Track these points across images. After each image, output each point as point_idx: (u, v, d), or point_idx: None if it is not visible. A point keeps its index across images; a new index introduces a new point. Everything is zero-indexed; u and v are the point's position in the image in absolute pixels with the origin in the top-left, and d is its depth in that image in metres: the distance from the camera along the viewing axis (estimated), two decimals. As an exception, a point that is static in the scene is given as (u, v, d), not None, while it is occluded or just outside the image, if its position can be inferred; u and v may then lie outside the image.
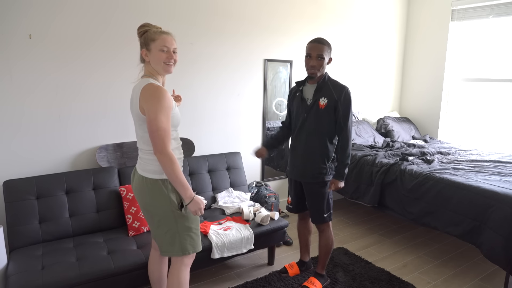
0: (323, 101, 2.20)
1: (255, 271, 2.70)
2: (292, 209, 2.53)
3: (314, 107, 2.23)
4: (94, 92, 2.63)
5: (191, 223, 1.82)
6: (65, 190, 2.43)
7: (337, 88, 2.21)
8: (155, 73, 1.77)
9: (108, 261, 2.09)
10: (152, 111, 1.62)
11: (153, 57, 1.71)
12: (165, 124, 1.63)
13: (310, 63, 2.17)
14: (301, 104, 2.28)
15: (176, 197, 1.76)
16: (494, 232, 2.32)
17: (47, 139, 2.51)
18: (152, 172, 1.74)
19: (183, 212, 1.77)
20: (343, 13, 3.96)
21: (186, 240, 1.81)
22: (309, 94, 2.27)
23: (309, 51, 2.18)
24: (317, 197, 2.34)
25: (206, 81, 3.14)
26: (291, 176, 2.43)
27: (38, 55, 2.39)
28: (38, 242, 2.28)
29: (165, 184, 1.74)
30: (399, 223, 3.67)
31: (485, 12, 3.90)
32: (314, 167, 2.27)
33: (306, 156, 2.29)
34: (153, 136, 1.63)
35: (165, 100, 1.64)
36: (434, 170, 2.92)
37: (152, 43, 1.70)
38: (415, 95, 4.63)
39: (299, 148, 2.32)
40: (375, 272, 2.71)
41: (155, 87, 1.66)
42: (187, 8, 2.94)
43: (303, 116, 2.26)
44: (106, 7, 2.58)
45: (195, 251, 1.85)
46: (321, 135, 2.24)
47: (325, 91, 2.21)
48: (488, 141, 4.06)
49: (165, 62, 1.72)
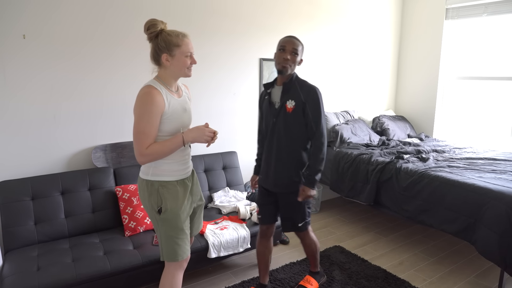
0: (291, 104, 2.02)
1: (252, 270, 2.71)
2: (262, 220, 2.25)
3: (281, 111, 2.04)
4: (89, 91, 2.62)
5: (171, 231, 1.74)
6: (60, 191, 2.42)
7: (304, 89, 2.03)
8: (168, 78, 1.72)
9: (104, 262, 2.08)
10: (136, 114, 1.63)
11: (176, 63, 1.68)
12: (147, 129, 1.62)
13: (284, 55, 1.98)
14: (269, 109, 2.10)
15: (157, 200, 1.73)
16: (488, 229, 2.34)
17: (42, 140, 2.50)
18: (142, 172, 1.78)
19: (162, 217, 1.73)
20: (338, 12, 3.97)
21: (168, 246, 1.76)
22: (277, 97, 2.08)
23: (284, 44, 2.00)
24: (291, 207, 2.15)
25: (202, 80, 3.14)
26: (264, 185, 2.20)
27: (32, 55, 2.38)
28: (34, 243, 2.27)
29: (148, 186, 1.74)
30: (395, 221, 3.68)
31: (479, 10, 3.92)
32: (287, 176, 2.09)
33: (278, 164, 2.09)
34: (134, 138, 1.65)
35: (150, 105, 1.60)
36: (429, 168, 2.94)
37: (177, 49, 1.66)
38: (411, 94, 4.65)
39: (270, 155, 2.12)
40: (371, 270, 2.72)
41: (146, 91, 1.63)
42: (183, 7, 2.94)
43: (272, 121, 2.07)
44: (100, 5, 2.57)
45: (174, 260, 1.77)
46: (292, 141, 2.06)
47: (292, 93, 2.03)
48: (483, 138, 4.09)
49: (188, 68, 1.71)
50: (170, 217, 1.73)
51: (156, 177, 1.74)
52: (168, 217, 1.72)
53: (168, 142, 1.67)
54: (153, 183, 1.73)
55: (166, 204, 1.72)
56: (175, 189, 1.75)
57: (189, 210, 1.83)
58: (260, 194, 2.25)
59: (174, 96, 1.73)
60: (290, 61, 1.99)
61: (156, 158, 1.67)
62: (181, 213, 1.75)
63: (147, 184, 1.74)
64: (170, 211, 1.72)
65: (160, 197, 1.72)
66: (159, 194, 1.72)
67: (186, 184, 1.82)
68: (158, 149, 1.64)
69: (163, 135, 1.71)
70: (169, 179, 1.75)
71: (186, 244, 1.79)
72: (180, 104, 1.75)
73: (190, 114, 1.83)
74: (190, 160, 1.88)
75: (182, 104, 1.77)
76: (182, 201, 1.77)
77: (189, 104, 1.86)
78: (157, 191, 1.72)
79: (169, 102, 1.69)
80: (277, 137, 2.08)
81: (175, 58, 1.67)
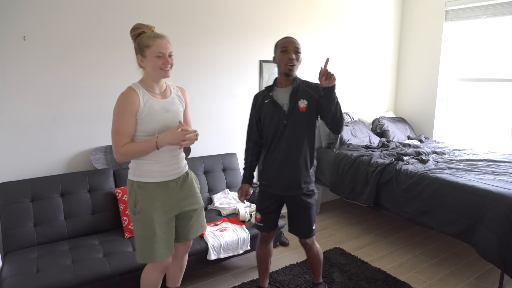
0: (303, 103, 2.00)
1: (252, 272, 2.70)
2: (264, 228, 2.18)
3: (293, 111, 2.01)
4: (89, 92, 2.62)
5: (143, 232, 1.74)
6: (60, 193, 2.42)
7: (311, 86, 2.04)
8: (148, 79, 1.75)
9: (104, 264, 2.08)
10: (113, 114, 1.69)
11: (149, 64, 1.70)
12: (121, 127, 1.66)
13: (288, 56, 1.95)
14: (276, 111, 2.03)
15: (134, 200, 1.75)
16: (488, 231, 2.34)
17: (41, 141, 2.50)
18: (128, 172, 1.83)
19: (136, 217, 1.75)
20: (338, 14, 3.98)
21: (140, 247, 1.77)
22: (284, 99, 2.04)
23: (285, 44, 1.97)
24: (305, 209, 2.11)
25: (202, 82, 3.14)
26: (271, 190, 2.12)
27: (32, 56, 2.38)
28: (33, 245, 2.27)
29: (129, 185, 1.80)
30: (395, 222, 3.68)
31: (479, 12, 3.93)
32: (299, 178, 2.06)
33: (289, 166, 2.05)
34: (111, 137, 1.71)
35: (124, 104, 1.65)
36: (429, 169, 2.93)
37: (147, 50, 1.68)
38: (410, 95, 4.66)
39: (278, 159, 2.06)
40: (371, 272, 2.72)
41: (122, 92, 1.69)
42: (182, 9, 2.94)
43: (282, 123, 2.02)
44: (100, 7, 2.58)
45: (146, 261, 1.77)
46: (303, 140, 2.04)
47: (302, 93, 2.02)
48: (483, 140, 4.09)
49: (161, 68, 1.70)
50: (144, 219, 1.73)
51: (136, 177, 1.77)
52: (142, 218, 1.73)
53: (142, 143, 1.69)
54: (133, 183, 1.77)
55: (141, 205, 1.73)
56: (153, 191, 1.75)
57: (170, 214, 1.80)
58: (264, 200, 2.17)
59: (155, 97, 1.75)
60: (295, 60, 1.97)
61: (131, 157, 1.71)
62: (155, 216, 1.74)
63: (129, 183, 1.80)
64: (143, 212, 1.73)
65: (136, 197, 1.75)
66: (136, 195, 1.75)
67: (169, 186, 1.80)
68: (131, 149, 1.68)
69: (141, 135, 1.72)
70: (148, 180, 1.76)
71: (160, 247, 1.77)
72: (162, 105, 1.75)
73: (176, 115, 1.81)
74: (179, 162, 1.86)
75: (165, 105, 1.77)
76: (160, 204, 1.76)
77: (178, 106, 1.84)
78: (135, 191, 1.75)
79: (145, 102, 1.70)
80: (288, 139, 2.03)
81: (147, 58, 1.69)
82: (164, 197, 1.78)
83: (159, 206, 1.75)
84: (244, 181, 2.24)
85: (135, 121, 1.69)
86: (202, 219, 2.01)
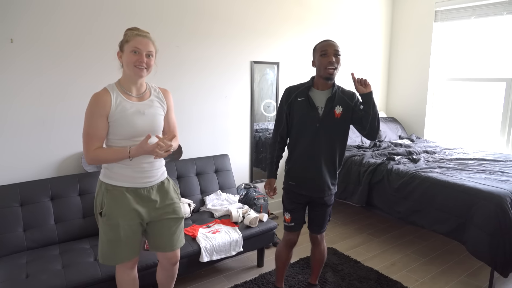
0: (339, 109, 2.01)
1: (245, 274, 2.70)
2: (295, 227, 2.18)
3: (329, 116, 2.01)
4: (79, 95, 2.59)
5: (106, 235, 1.71)
6: (50, 196, 2.39)
7: (349, 94, 2.06)
8: (125, 79, 1.70)
9: (94, 268, 2.06)
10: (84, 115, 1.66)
11: (124, 59, 1.66)
12: (90, 130, 1.63)
13: (329, 59, 1.93)
14: (309, 112, 2.02)
15: (101, 202, 1.72)
16: (478, 229, 2.36)
17: (30, 145, 2.46)
18: (100, 172, 1.79)
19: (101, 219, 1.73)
20: (328, 15, 3.99)
21: (101, 248, 1.75)
22: (320, 102, 2.03)
23: (325, 48, 1.95)
24: (327, 208, 2.18)
25: (193, 84, 3.13)
26: (300, 190, 2.12)
27: (20, 59, 2.35)
28: (23, 250, 2.23)
29: (98, 185, 1.76)
30: (387, 222, 3.70)
31: (467, 13, 3.97)
32: (327, 180, 2.09)
33: (319, 169, 2.06)
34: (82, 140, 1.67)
35: (94, 106, 1.62)
36: (420, 169, 2.96)
37: (126, 45, 1.64)
38: (401, 96, 4.69)
39: (310, 161, 2.06)
40: (363, 271, 2.73)
41: (94, 93, 1.66)
42: (174, 11, 2.93)
43: (315, 126, 2.01)
44: (92, 9, 2.55)
45: (108, 264, 1.76)
46: (335, 145, 2.06)
47: (338, 99, 2.02)
48: (473, 139, 4.14)
49: (135, 65, 1.63)
50: (109, 223, 1.69)
51: (106, 179, 1.73)
52: (107, 222, 1.70)
53: (113, 153, 1.65)
54: (101, 183, 1.74)
55: (107, 209, 1.69)
56: (121, 196, 1.70)
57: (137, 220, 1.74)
58: (292, 200, 2.16)
59: (129, 99, 1.69)
60: (335, 63, 1.95)
61: (102, 162, 1.67)
62: (120, 221, 1.69)
63: (98, 183, 1.76)
64: (109, 217, 1.69)
65: (103, 200, 1.71)
66: (103, 197, 1.71)
67: (139, 193, 1.74)
68: (102, 155, 1.64)
69: (114, 138, 1.69)
70: (117, 184, 1.71)
71: (123, 251, 1.74)
72: (136, 107, 1.69)
73: (152, 119, 1.73)
74: (154, 170, 1.77)
75: (140, 108, 1.70)
76: (127, 209, 1.70)
77: (157, 109, 1.77)
78: (102, 193, 1.72)
79: (118, 104, 1.65)
80: (320, 142, 2.03)
81: (124, 54, 1.65)
82: (131, 203, 1.71)
83: (125, 213, 1.70)
84: (271, 176, 2.21)
85: (106, 124, 1.64)
86: (179, 230, 1.89)
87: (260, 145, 3.65)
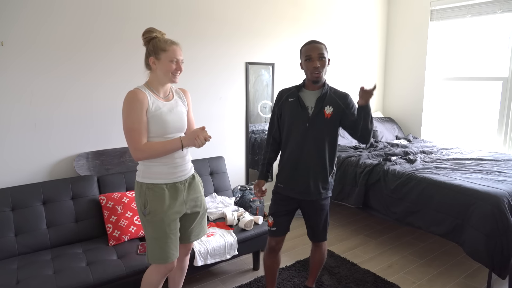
0: (329, 109, 1.99)
1: (240, 277, 2.67)
2: (276, 232, 2.12)
3: (318, 116, 1.99)
4: (72, 98, 2.57)
5: (154, 233, 1.78)
6: (42, 201, 2.36)
7: (341, 96, 2.03)
8: (155, 82, 1.79)
9: (86, 273, 2.03)
10: (123, 114, 1.71)
11: (161, 67, 1.75)
12: (135, 125, 1.68)
13: (313, 64, 1.93)
14: (299, 112, 2.01)
15: (144, 202, 1.78)
16: (475, 230, 2.34)
17: (22, 148, 2.43)
18: (137, 174, 1.84)
19: (146, 218, 1.78)
20: (323, 15, 3.97)
21: (151, 248, 1.81)
22: (310, 102, 2.02)
23: (308, 52, 1.95)
24: (322, 214, 2.12)
25: (188, 85, 3.10)
26: (287, 193, 2.08)
27: (10, 61, 2.32)
28: (14, 255, 2.20)
29: (138, 187, 1.81)
30: (384, 223, 3.68)
31: (463, 12, 3.96)
32: (319, 183, 2.04)
33: (310, 170, 2.02)
34: (126, 138, 1.71)
35: (134, 102, 1.69)
36: (416, 169, 2.94)
37: (163, 53, 1.74)
38: (398, 95, 4.67)
39: (299, 161, 2.03)
40: (360, 274, 2.71)
41: (129, 91, 1.72)
42: (168, 11, 2.90)
43: (304, 126, 2.00)
44: (85, 12, 2.52)
45: (156, 263, 1.81)
46: (324, 146, 2.02)
47: (329, 99, 2.00)
48: (470, 139, 4.12)
49: (173, 73, 1.77)
50: (154, 220, 1.77)
51: (145, 179, 1.80)
52: (152, 219, 1.77)
53: (166, 142, 1.73)
54: (141, 184, 1.80)
55: (151, 206, 1.76)
56: (161, 192, 1.78)
57: (178, 215, 1.84)
58: (279, 203, 2.12)
59: (160, 99, 1.79)
60: (320, 67, 1.95)
61: (152, 156, 1.72)
62: (164, 217, 1.77)
63: (137, 185, 1.82)
64: (153, 214, 1.76)
65: (146, 199, 1.77)
66: (146, 196, 1.78)
67: (177, 188, 1.84)
68: (155, 146, 1.71)
69: (147, 136, 1.76)
70: (157, 182, 1.79)
71: (170, 249, 1.81)
72: (167, 106, 1.80)
73: (180, 116, 1.85)
74: (185, 164, 1.89)
75: (169, 107, 1.81)
76: (169, 205, 1.79)
77: (182, 108, 1.88)
78: (144, 193, 1.78)
79: (153, 102, 1.75)
80: (309, 142, 2.00)
81: (160, 61, 1.74)
82: (172, 198, 1.81)
83: (168, 207, 1.79)
84: (261, 177, 2.20)
85: (146, 119, 1.72)
86: (204, 222, 2.05)
87: (256, 146, 3.63)
